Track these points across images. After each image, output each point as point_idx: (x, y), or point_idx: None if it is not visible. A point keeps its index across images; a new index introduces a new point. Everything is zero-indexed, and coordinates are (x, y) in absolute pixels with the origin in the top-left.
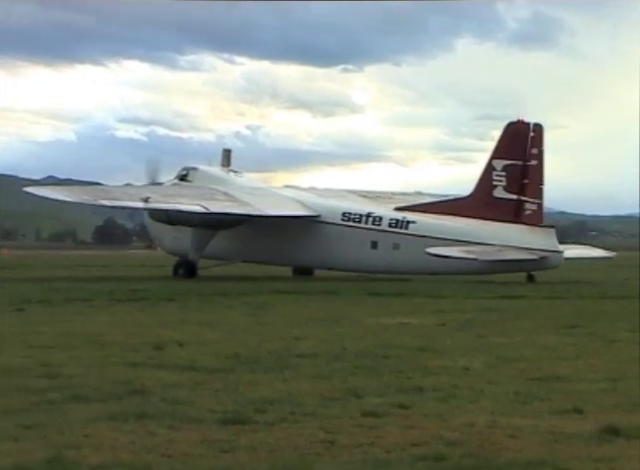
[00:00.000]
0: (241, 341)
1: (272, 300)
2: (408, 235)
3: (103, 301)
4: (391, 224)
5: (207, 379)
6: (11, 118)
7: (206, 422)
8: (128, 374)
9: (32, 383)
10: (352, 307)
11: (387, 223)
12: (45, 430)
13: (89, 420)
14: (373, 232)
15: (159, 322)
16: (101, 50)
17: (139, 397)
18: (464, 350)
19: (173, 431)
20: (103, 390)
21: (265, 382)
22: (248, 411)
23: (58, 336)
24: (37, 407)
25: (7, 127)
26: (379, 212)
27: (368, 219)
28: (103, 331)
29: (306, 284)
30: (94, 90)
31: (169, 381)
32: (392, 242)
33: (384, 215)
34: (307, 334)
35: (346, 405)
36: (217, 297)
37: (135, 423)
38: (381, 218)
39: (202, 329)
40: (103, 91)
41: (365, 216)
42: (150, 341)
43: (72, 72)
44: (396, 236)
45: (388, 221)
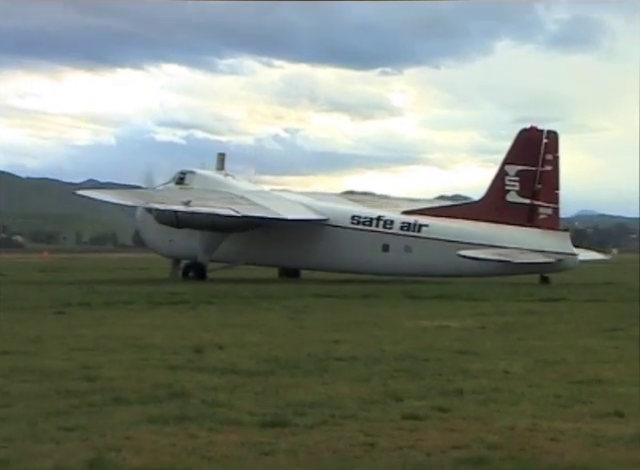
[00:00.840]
0: (281, 344)
1: (312, 303)
2: (421, 238)
3: (143, 304)
4: (403, 227)
5: (247, 382)
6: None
7: (246, 425)
8: (168, 377)
9: (72, 386)
10: (391, 310)
11: (399, 226)
12: (86, 432)
13: (130, 423)
14: (384, 235)
15: (199, 325)
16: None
17: (179, 400)
18: (504, 353)
19: (213, 433)
20: (143, 393)
21: (305, 385)
22: (288, 414)
23: (98, 339)
24: (78, 410)
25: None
26: (390, 215)
27: (379, 222)
28: (143, 334)
29: (346, 287)
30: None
31: (209, 384)
32: (404, 245)
33: (395, 218)
34: (346, 337)
35: (386, 408)
36: (257, 300)
37: (175, 426)
38: (392, 221)
39: (242, 332)
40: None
41: (375, 219)
42: (190, 344)
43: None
44: (408, 239)
45: (400, 224)
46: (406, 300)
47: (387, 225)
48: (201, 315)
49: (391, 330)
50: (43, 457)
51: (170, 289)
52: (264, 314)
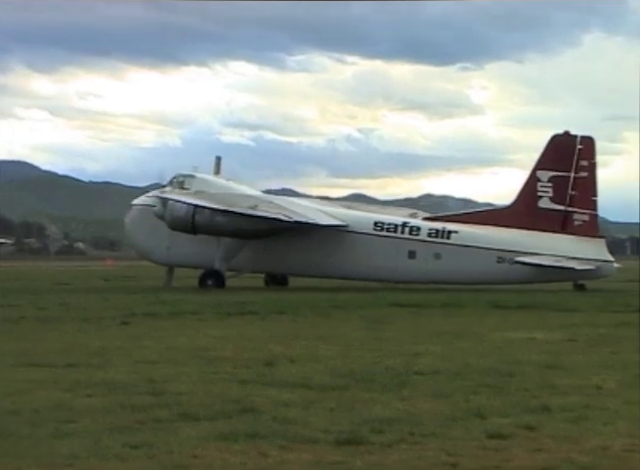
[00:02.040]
0: (357, 357)
1: (390, 313)
2: (451, 245)
3: (211, 314)
4: (431, 234)
5: (321, 397)
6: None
7: (320, 442)
8: (238, 391)
9: (138, 400)
10: (475, 321)
11: (426, 233)
12: (152, 449)
13: (198, 439)
14: (410, 242)
15: (270, 336)
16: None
17: (249, 416)
18: (596, 367)
19: (285, 452)
20: (212, 408)
21: (382, 401)
22: (364, 431)
23: (164, 351)
24: (144, 425)
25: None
26: (415, 222)
27: (404, 229)
28: (211, 346)
29: (426, 297)
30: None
31: (281, 399)
32: (433, 252)
33: (422, 225)
34: (427, 350)
35: (469, 426)
36: (331, 310)
37: (246, 443)
38: (419, 228)
39: (315, 344)
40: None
41: (400, 226)
42: (260, 357)
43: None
44: (437, 246)
45: (427, 231)
46: (489, 310)
47: (413, 231)
48: (272, 326)
49: (474, 342)
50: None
51: (239, 299)
52: (339, 325)
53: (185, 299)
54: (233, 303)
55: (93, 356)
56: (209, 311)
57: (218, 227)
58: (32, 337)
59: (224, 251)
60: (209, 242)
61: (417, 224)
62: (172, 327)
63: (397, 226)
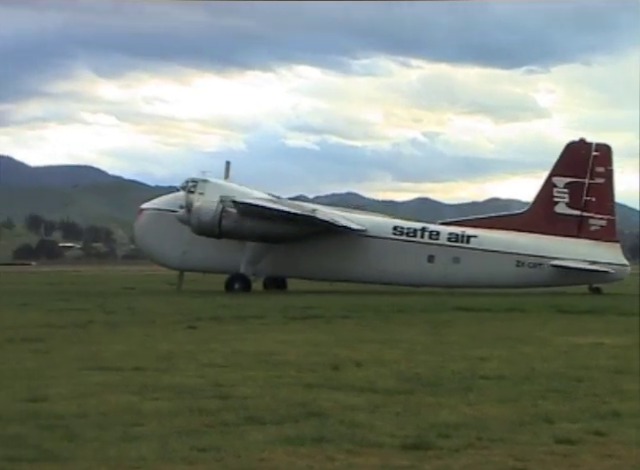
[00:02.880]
0: (422, 361)
1: (454, 318)
2: (471, 249)
3: (276, 318)
4: (450, 238)
5: (387, 401)
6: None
7: (387, 447)
8: (304, 395)
9: (205, 404)
10: (540, 325)
11: (446, 237)
12: (220, 453)
13: (265, 443)
14: (430, 246)
15: (335, 340)
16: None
17: (316, 420)
18: None
19: (352, 456)
20: (278, 412)
21: (448, 405)
22: (431, 436)
23: (230, 355)
24: (211, 429)
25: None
26: (434, 227)
27: (424, 233)
28: (277, 350)
29: (490, 301)
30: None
31: (347, 403)
32: (452, 256)
33: (441, 230)
34: (492, 354)
35: (537, 431)
36: (395, 314)
37: (312, 447)
38: (438, 233)
39: (380, 348)
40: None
41: (420, 230)
42: (326, 361)
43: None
44: (456, 250)
45: (447, 235)
46: (555, 314)
47: (433, 236)
48: (337, 330)
49: (540, 347)
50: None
51: (304, 303)
52: (403, 329)
53: (249, 303)
54: (297, 307)
55: (160, 360)
56: (274, 315)
57: (245, 231)
58: (100, 341)
59: (250, 255)
60: (226, 247)
61: (436, 229)
62: (237, 331)
63: (416, 230)
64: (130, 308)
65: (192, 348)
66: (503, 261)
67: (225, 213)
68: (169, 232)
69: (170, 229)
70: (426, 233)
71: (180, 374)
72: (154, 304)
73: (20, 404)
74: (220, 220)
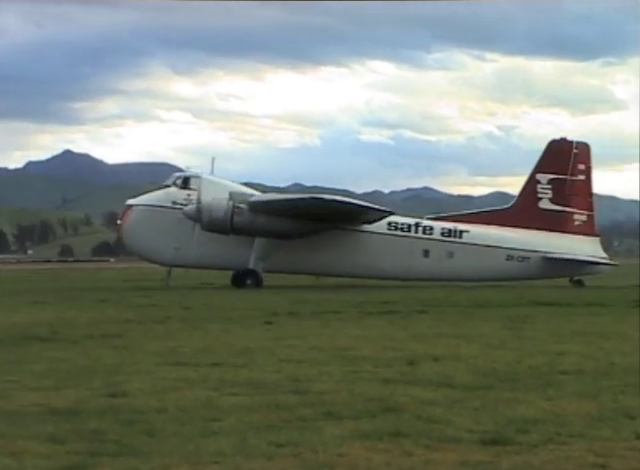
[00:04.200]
0: (499, 356)
1: (532, 312)
2: (463, 244)
3: (353, 314)
4: (444, 233)
5: (464, 397)
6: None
7: (465, 442)
8: (381, 391)
9: (282, 399)
10: (618, 320)
11: (439, 232)
12: (297, 448)
13: (342, 438)
14: (425, 241)
15: (411, 335)
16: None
17: (393, 415)
18: None
19: (430, 451)
20: (355, 407)
21: (526, 401)
22: (509, 431)
23: (307, 350)
24: (288, 424)
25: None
26: (428, 222)
27: (418, 228)
28: (353, 345)
29: (568, 295)
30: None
31: (424, 398)
32: (446, 250)
33: (434, 225)
34: (571, 349)
35: (617, 426)
36: (472, 309)
37: (390, 442)
38: (432, 228)
39: (457, 343)
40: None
41: (414, 226)
42: (403, 356)
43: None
44: (450, 245)
45: (440, 230)
46: (633, 309)
47: (427, 231)
48: (413, 325)
49: (619, 342)
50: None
51: (380, 298)
52: (480, 324)
53: (327, 298)
54: (374, 302)
55: (238, 355)
56: (351, 310)
57: (257, 227)
58: (178, 337)
59: (259, 251)
60: (221, 243)
61: (430, 224)
62: (314, 326)
63: (410, 226)
64: (207, 304)
65: (269, 343)
66: (494, 255)
67: (237, 209)
68: (161, 228)
69: (162, 225)
70: (420, 228)
71: (257, 369)
72: (231, 300)
73: (100, 399)
74: (232, 216)
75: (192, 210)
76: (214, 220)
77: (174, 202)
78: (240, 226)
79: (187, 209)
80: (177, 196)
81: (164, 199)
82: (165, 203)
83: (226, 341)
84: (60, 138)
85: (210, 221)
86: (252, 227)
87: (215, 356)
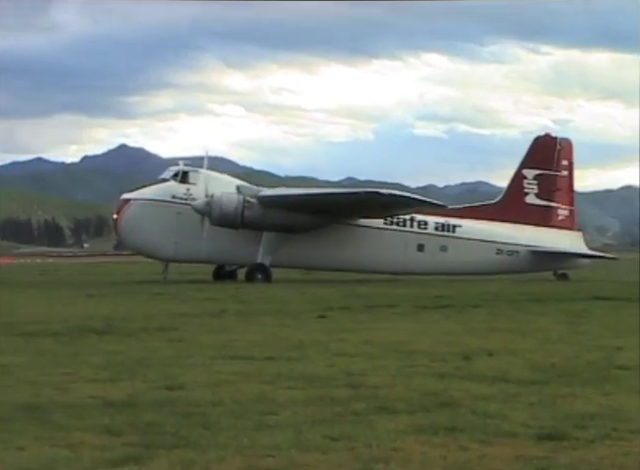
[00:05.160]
0: (556, 351)
1: (589, 307)
2: (457, 238)
3: (407, 308)
4: (437, 228)
5: (520, 391)
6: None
7: (520, 437)
8: (435, 385)
9: (337, 393)
10: None
11: (433, 227)
12: (352, 442)
13: (397, 433)
14: (419, 235)
15: (466, 330)
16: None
17: (448, 409)
18: None
19: (486, 446)
20: (410, 401)
21: (584, 396)
22: (566, 426)
23: (361, 344)
24: (343, 418)
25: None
26: (422, 216)
27: (413, 223)
28: (407, 339)
29: (627, 290)
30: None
31: (479, 393)
32: (440, 245)
33: (429, 219)
34: (630, 344)
35: None
36: (528, 303)
37: (445, 437)
38: (426, 222)
39: (513, 337)
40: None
41: (409, 220)
42: (458, 350)
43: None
44: (444, 239)
45: (434, 225)
46: None
47: (421, 225)
48: (468, 319)
49: None
50: (310, 467)
51: (435, 292)
52: (537, 318)
53: (381, 292)
54: (429, 296)
55: (292, 349)
56: (404, 304)
57: (267, 222)
58: (233, 330)
59: (267, 245)
60: (221, 237)
61: (424, 218)
62: (368, 320)
63: (406, 220)
64: (262, 297)
65: (323, 337)
66: (485, 249)
67: (247, 204)
68: (161, 223)
69: (162, 219)
70: (415, 223)
71: (312, 363)
72: (286, 293)
73: (157, 392)
74: (243, 211)
75: (202, 204)
76: (225, 214)
77: (174, 196)
78: (250, 220)
79: (197, 203)
80: (177, 190)
81: (164, 193)
82: (165, 197)
83: (281, 335)
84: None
85: (221, 215)
86: (262, 221)
87: (270, 350)
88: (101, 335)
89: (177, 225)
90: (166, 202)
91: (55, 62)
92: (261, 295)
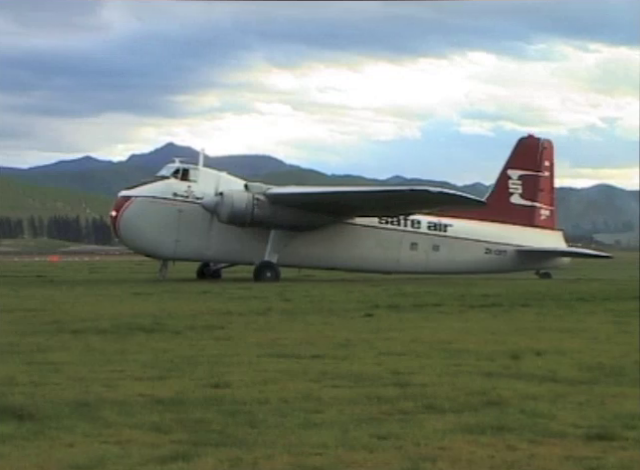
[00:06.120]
0: (604, 350)
1: (638, 306)
2: (448, 237)
3: (453, 306)
4: (430, 227)
5: (568, 391)
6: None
7: (570, 437)
8: (483, 384)
9: (384, 392)
10: None
11: (426, 226)
12: (399, 441)
13: (444, 432)
14: (412, 234)
15: (514, 329)
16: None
17: (496, 408)
18: None
19: (534, 446)
20: (457, 400)
21: (633, 395)
22: (615, 426)
23: (408, 343)
24: (390, 417)
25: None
26: (415, 216)
27: (407, 222)
28: (454, 338)
29: None
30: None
31: (527, 392)
32: (432, 244)
33: (422, 218)
34: None
35: None
36: (576, 303)
37: (493, 436)
38: (419, 221)
39: (561, 337)
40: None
41: (403, 219)
42: (505, 349)
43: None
44: (436, 238)
45: (427, 224)
46: None
47: (415, 224)
48: (516, 319)
49: None
50: (357, 465)
51: (482, 291)
52: (585, 318)
53: (427, 291)
54: (476, 295)
55: (338, 348)
56: (451, 303)
57: (276, 220)
58: (279, 328)
59: (275, 244)
60: (222, 235)
61: (417, 218)
62: (415, 319)
63: (400, 219)
64: (308, 296)
65: (370, 336)
66: (475, 249)
67: (257, 202)
68: (162, 220)
69: (163, 217)
70: (408, 222)
71: (358, 362)
72: (331, 292)
73: (204, 390)
74: (253, 209)
75: (212, 202)
76: (237, 211)
77: (175, 193)
78: (260, 218)
79: (206, 200)
80: (178, 187)
81: (165, 190)
82: (166, 194)
83: (326, 333)
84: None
85: (232, 213)
86: (271, 219)
87: (316, 348)
88: (149, 333)
89: (178, 223)
90: (167, 199)
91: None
92: (306, 294)
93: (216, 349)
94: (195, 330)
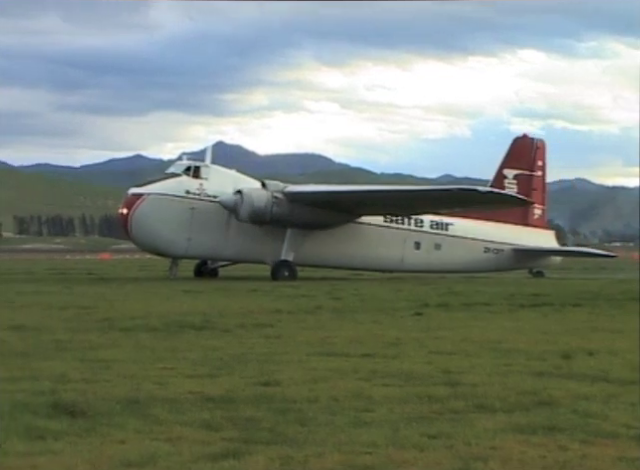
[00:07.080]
0: None
1: None
2: (450, 236)
3: (503, 306)
4: (432, 225)
5: (621, 391)
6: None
7: (622, 438)
8: (534, 384)
9: (434, 391)
10: None
11: (429, 225)
12: (450, 440)
13: (495, 431)
14: (416, 233)
15: (565, 329)
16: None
17: (547, 408)
18: None
19: (586, 446)
20: (508, 400)
21: None
22: None
23: (458, 342)
24: (440, 416)
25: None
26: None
27: (410, 221)
28: (505, 338)
29: None
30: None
31: (579, 392)
32: (434, 242)
33: (424, 217)
34: None
35: None
36: (629, 302)
37: (544, 436)
38: (422, 220)
39: (613, 337)
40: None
41: (407, 218)
42: (556, 349)
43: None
44: (438, 237)
45: (429, 223)
46: None
47: (418, 223)
48: (567, 318)
49: None
50: (408, 464)
51: (532, 290)
52: (637, 318)
53: (477, 290)
54: (526, 294)
55: (388, 346)
56: (501, 302)
57: (294, 218)
58: (328, 327)
59: (291, 242)
60: (234, 234)
61: (420, 216)
62: (465, 318)
63: (404, 218)
64: (358, 294)
65: (420, 335)
66: (474, 248)
67: (276, 200)
68: (174, 218)
69: (175, 215)
70: (412, 220)
71: (408, 361)
72: (381, 290)
73: (254, 388)
74: (272, 207)
75: (231, 200)
76: (257, 210)
77: (187, 191)
78: (278, 216)
79: (225, 198)
80: (190, 185)
81: (177, 188)
82: (179, 192)
83: (376, 332)
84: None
85: (252, 211)
86: (289, 217)
87: (366, 347)
88: (199, 331)
89: (191, 221)
90: (180, 197)
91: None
92: (356, 292)
93: (266, 347)
94: (245, 328)
